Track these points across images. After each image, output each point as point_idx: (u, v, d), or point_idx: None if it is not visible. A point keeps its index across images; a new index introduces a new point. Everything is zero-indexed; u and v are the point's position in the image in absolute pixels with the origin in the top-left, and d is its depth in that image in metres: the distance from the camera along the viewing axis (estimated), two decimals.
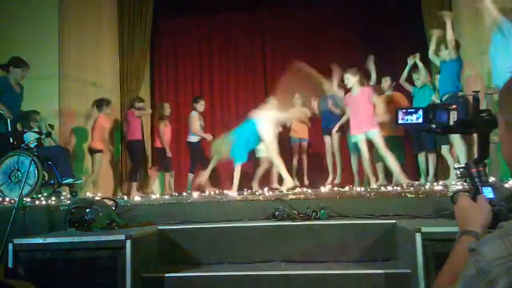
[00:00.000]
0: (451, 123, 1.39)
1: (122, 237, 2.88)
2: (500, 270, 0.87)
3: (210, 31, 9.38)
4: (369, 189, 5.11)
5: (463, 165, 1.37)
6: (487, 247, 0.91)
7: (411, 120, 1.45)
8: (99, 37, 7.80)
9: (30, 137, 5.29)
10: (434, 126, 1.42)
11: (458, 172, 1.39)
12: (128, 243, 2.85)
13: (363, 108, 5.85)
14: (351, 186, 5.93)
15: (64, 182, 5.42)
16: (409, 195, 3.79)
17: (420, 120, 1.44)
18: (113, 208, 3.67)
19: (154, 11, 8.52)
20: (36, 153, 5.06)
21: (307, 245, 3.39)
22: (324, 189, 5.25)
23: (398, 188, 4.75)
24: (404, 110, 1.45)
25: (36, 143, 5.15)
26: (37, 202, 4.42)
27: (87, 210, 3.41)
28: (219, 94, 9.29)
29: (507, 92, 1.06)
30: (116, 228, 3.43)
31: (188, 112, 7.69)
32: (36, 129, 5.60)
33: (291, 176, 7.53)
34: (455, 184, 4.52)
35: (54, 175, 5.42)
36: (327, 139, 7.29)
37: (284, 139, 8.08)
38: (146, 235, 3.28)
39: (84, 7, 7.40)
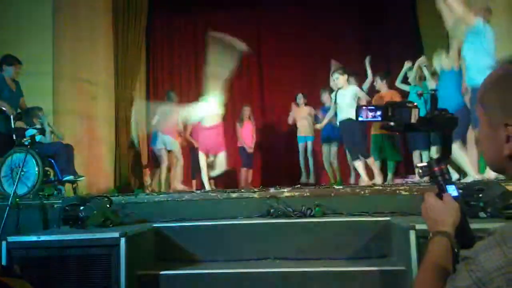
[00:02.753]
0: (413, 121, 1.38)
1: (117, 234, 2.88)
2: (501, 281, 0.83)
3: (205, 28, 9.33)
4: (363, 187, 5.13)
5: (425, 164, 1.36)
6: (485, 256, 0.86)
7: (371, 117, 1.44)
8: (94, 34, 7.75)
9: (31, 133, 5.25)
10: (393, 124, 1.41)
11: (420, 171, 1.37)
12: (123, 241, 2.85)
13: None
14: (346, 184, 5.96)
15: (64, 179, 5.38)
16: (403, 193, 3.80)
17: (379, 118, 1.43)
18: (108, 205, 3.66)
19: (149, 8, 8.49)
20: (36, 150, 5.05)
21: (302, 243, 3.40)
22: (319, 186, 5.25)
23: (393, 186, 4.76)
24: (365, 107, 1.44)
25: (29, 140, 5.11)
26: (31, 199, 4.40)
27: (81, 208, 3.40)
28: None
29: (490, 88, 1.01)
30: (111, 225, 3.42)
31: None
32: (39, 126, 5.56)
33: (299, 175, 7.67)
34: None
35: (55, 172, 5.38)
36: (325, 147, 7.37)
37: (290, 139, 8.13)
38: (141, 233, 3.27)
39: (79, 4, 7.35)
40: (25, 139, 5.00)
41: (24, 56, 5.59)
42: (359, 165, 5.82)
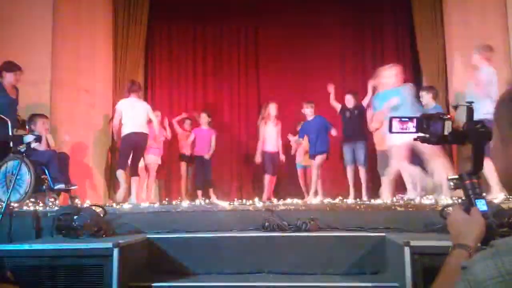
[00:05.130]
0: (446, 133, 1.38)
1: (110, 245, 2.86)
2: None
3: (204, 39, 9.39)
4: (359, 202, 5.13)
5: (457, 177, 1.35)
6: (479, 267, 0.91)
7: (405, 129, 1.44)
8: (93, 43, 7.75)
9: (27, 139, 5.23)
10: (428, 135, 1.40)
11: (452, 184, 1.36)
12: (116, 251, 2.83)
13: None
14: (341, 198, 5.93)
15: (55, 187, 5.33)
16: (398, 209, 3.80)
17: (414, 130, 1.42)
18: (102, 215, 3.64)
19: (148, 18, 8.53)
20: (30, 158, 5.02)
21: (296, 257, 3.38)
22: (315, 200, 5.25)
23: (388, 202, 4.76)
24: (397, 119, 1.43)
25: (25, 148, 5.09)
26: (24, 207, 4.36)
27: (75, 217, 3.38)
28: (212, 101, 9.28)
29: (502, 105, 1.05)
30: (104, 235, 3.40)
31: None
32: (37, 133, 5.54)
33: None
34: (444, 199, 4.54)
35: (47, 180, 5.34)
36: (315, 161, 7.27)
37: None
38: (134, 244, 3.25)
39: (79, 12, 7.36)
40: (20, 146, 4.98)
41: (22, 64, 5.59)
42: None
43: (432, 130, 1.39)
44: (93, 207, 3.79)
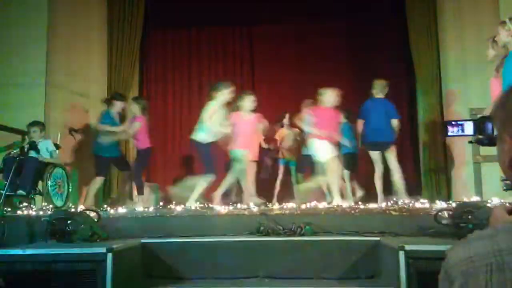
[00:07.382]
0: (495, 134, 1.41)
1: (103, 249, 2.84)
2: (457, 272, 0.97)
3: (199, 43, 9.40)
4: (354, 206, 5.13)
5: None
6: (453, 252, 1.01)
7: (461, 132, 1.46)
8: (88, 47, 7.75)
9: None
10: (482, 137, 1.43)
11: (504, 184, 1.38)
12: (109, 256, 2.81)
13: None
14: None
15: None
16: (393, 213, 3.81)
17: (471, 132, 1.44)
18: (96, 220, 3.62)
19: (144, 22, 8.53)
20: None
21: (291, 261, 3.37)
22: (309, 205, 5.24)
23: (383, 206, 4.77)
24: (454, 122, 1.45)
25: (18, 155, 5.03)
26: (18, 212, 4.34)
27: (69, 222, 3.36)
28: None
29: (497, 106, 1.13)
30: (98, 240, 3.38)
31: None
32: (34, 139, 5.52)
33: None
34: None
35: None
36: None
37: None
38: (128, 248, 3.23)
39: (74, 16, 7.35)
40: (14, 152, 4.94)
41: (17, 68, 5.58)
42: None
43: (485, 132, 1.43)
44: (87, 212, 3.77)
